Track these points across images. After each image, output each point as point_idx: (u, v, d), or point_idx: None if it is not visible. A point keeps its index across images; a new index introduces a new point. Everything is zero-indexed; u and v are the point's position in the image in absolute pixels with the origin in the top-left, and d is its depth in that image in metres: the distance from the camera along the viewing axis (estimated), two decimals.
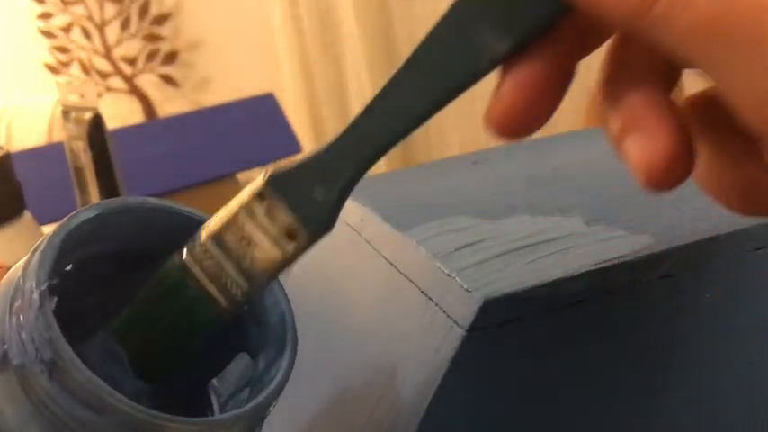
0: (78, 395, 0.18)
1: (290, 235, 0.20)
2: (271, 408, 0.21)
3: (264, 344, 0.23)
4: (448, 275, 0.24)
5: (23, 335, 0.19)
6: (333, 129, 1.84)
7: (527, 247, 0.25)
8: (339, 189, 0.20)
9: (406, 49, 1.78)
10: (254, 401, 0.20)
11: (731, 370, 0.26)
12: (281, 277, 0.22)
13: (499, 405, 0.23)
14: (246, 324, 0.24)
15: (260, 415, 0.21)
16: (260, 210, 0.20)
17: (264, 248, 0.21)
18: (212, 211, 0.22)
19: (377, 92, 0.20)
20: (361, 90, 1.78)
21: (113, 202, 0.22)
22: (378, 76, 1.75)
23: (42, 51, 2.07)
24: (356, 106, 1.80)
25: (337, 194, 0.20)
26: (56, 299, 0.23)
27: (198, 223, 0.22)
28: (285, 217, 0.20)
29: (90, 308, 0.24)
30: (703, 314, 0.25)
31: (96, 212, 0.21)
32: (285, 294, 0.23)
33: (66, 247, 0.21)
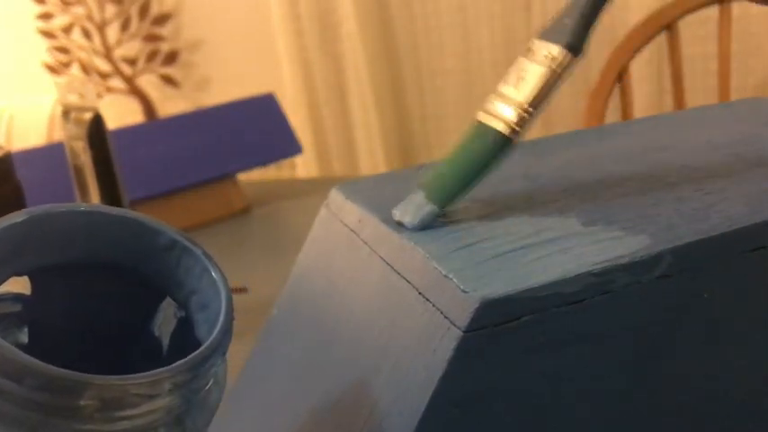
0: None
1: (553, 57, 0.27)
2: (209, 373, 0.21)
3: (210, 327, 0.23)
4: (445, 276, 0.24)
5: None
6: (333, 129, 1.84)
7: (526, 247, 0.25)
8: (579, 11, 0.27)
9: (406, 49, 1.78)
10: (179, 362, 0.20)
11: (731, 370, 0.26)
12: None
13: (497, 406, 0.23)
14: (194, 315, 0.24)
15: (188, 378, 0.20)
16: (529, 53, 0.28)
17: (534, 71, 0.27)
18: (212, 210, 0.22)
19: None
20: (361, 90, 1.78)
21: (42, 207, 0.23)
22: (378, 76, 1.75)
23: (42, 51, 2.07)
24: (356, 106, 1.80)
25: (578, 15, 0.27)
26: (26, 328, 0.24)
27: (141, 226, 0.23)
28: (548, 46, 0.27)
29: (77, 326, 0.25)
30: (703, 314, 0.25)
31: (24, 217, 0.22)
32: (220, 272, 0.24)
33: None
